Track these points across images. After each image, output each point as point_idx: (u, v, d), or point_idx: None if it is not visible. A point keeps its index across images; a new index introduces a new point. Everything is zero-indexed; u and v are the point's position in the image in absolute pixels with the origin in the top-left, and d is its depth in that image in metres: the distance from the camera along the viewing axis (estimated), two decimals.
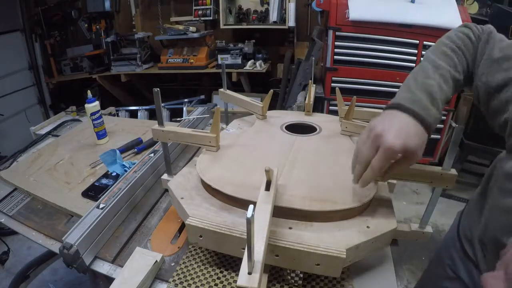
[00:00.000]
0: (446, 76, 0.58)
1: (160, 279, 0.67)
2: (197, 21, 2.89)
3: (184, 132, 0.81)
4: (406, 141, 0.50)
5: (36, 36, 3.24)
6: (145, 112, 2.83)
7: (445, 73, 0.58)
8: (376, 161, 0.52)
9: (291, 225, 0.61)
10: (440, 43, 0.63)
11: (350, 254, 0.56)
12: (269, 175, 0.59)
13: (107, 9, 3.07)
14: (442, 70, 0.58)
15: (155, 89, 0.74)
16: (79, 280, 1.82)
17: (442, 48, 0.61)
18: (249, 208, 0.39)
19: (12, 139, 2.92)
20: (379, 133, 0.51)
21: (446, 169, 0.66)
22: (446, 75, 0.58)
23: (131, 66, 2.98)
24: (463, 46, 0.61)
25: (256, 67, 2.77)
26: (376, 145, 0.52)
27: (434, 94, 0.55)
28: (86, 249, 0.70)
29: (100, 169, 1.06)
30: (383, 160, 0.51)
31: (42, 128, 1.47)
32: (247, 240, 0.41)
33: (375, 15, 1.86)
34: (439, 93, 0.55)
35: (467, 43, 0.61)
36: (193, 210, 0.64)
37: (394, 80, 1.99)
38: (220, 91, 1.11)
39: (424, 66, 0.60)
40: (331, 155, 0.80)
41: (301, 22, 2.84)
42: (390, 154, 0.50)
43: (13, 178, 1.04)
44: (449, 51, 0.60)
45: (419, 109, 0.53)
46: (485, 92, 0.57)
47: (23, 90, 3.17)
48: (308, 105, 1.06)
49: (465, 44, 0.61)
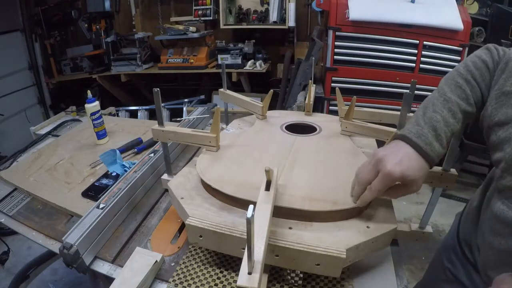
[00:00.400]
0: (455, 110, 0.57)
1: (160, 279, 0.67)
2: (197, 21, 2.89)
3: (184, 132, 0.81)
4: (406, 170, 0.52)
5: (36, 36, 3.24)
6: (145, 112, 2.83)
7: (454, 108, 0.57)
8: (375, 183, 0.55)
9: (291, 225, 0.61)
10: (456, 73, 0.61)
11: (350, 254, 0.56)
12: (269, 175, 0.59)
13: (107, 9, 3.07)
14: (451, 104, 0.58)
15: (155, 89, 0.74)
16: (79, 280, 1.82)
17: (456, 79, 0.60)
18: (249, 208, 0.39)
19: (12, 139, 2.92)
20: (381, 158, 0.54)
21: (446, 169, 0.67)
22: (455, 109, 0.57)
23: (131, 66, 2.98)
24: (478, 76, 0.59)
25: (256, 67, 2.77)
26: (376, 170, 0.55)
27: (439, 131, 0.55)
28: (86, 249, 0.70)
29: (100, 169, 1.06)
30: (381, 184, 0.54)
31: (42, 128, 1.47)
32: (247, 240, 0.42)
33: (375, 15, 1.86)
34: (444, 129, 0.56)
35: (483, 72, 0.59)
36: (193, 210, 0.64)
37: (394, 80, 1.99)
38: (220, 91, 1.11)
39: (435, 98, 0.59)
40: (331, 155, 0.80)
41: (301, 22, 2.84)
42: (389, 179, 0.53)
43: (13, 178, 1.04)
44: (462, 82, 0.59)
45: (423, 144, 0.54)
46: (487, 125, 0.56)
47: (23, 90, 3.17)
48: (308, 105, 1.06)
49: (482, 73, 0.59)
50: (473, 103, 0.59)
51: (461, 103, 0.58)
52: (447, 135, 0.56)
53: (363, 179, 0.57)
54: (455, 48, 1.91)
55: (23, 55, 3.18)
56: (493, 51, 0.61)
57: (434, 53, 1.92)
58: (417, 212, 2.24)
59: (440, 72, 1.94)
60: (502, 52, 0.60)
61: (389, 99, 2.02)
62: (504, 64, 0.56)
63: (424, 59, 1.93)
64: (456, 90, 0.59)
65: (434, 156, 0.55)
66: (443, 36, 1.88)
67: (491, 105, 0.55)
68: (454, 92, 0.59)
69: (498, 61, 0.59)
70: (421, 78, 1.91)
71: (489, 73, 0.59)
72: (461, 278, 0.71)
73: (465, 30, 1.85)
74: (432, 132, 0.55)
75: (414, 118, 0.59)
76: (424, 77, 1.93)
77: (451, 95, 0.58)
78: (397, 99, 1.99)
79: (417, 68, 1.95)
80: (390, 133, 0.78)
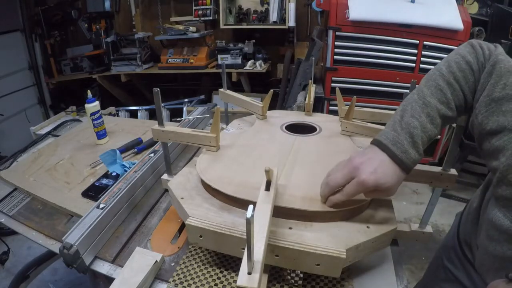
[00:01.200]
0: (433, 115, 0.56)
1: (160, 279, 0.67)
2: (197, 21, 2.89)
3: (184, 132, 0.81)
4: (380, 178, 0.53)
5: (36, 36, 3.24)
6: (145, 112, 2.83)
7: (433, 113, 0.55)
8: (349, 188, 0.56)
9: (291, 225, 0.61)
10: (438, 73, 0.58)
11: (350, 254, 0.56)
12: (269, 175, 0.59)
13: (107, 9, 3.08)
14: (430, 109, 0.56)
15: (155, 89, 0.74)
16: (79, 280, 1.82)
17: (437, 80, 0.57)
18: (249, 208, 0.39)
19: (12, 139, 2.92)
20: (357, 167, 0.55)
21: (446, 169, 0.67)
22: (433, 114, 0.56)
23: (131, 66, 2.98)
24: (462, 78, 0.56)
25: (256, 67, 2.77)
26: (351, 176, 0.55)
27: (415, 137, 0.54)
28: (86, 249, 0.70)
29: (100, 169, 1.06)
30: (355, 190, 0.55)
31: (42, 128, 1.47)
32: (247, 240, 0.41)
33: (375, 15, 1.86)
34: (421, 135, 0.55)
35: (467, 75, 0.56)
36: (193, 210, 0.64)
37: (394, 80, 1.99)
38: (220, 91, 1.11)
39: (414, 101, 0.57)
40: (331, 155, 0.80)
41: (301, 22, 2.84)
42: (363, 187, 0.54)
43: (13, 178, 1.04)
44: (444, 84, 0.57)
45: (399, 152, 0.54)
46: (478, 133, 0.54)
47: (23, 90, 3.17)
48: (308, 105, 1.06)
49: (465, 75, 0.56)
50: (454, 108, 0.57)
51: (441, 108, 0.56)
52: (424, 141, 0.55)
53: (335, 183, 0.57)
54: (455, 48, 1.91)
55: (23, 55, 3.18)
56: (478, 50, 0.57)
57: (434, 53, 1.92)
58: (417, 212, 2.24)
59: None
60: (488, 51, 0.56)
61: (389, 99, 2.02)
62: (491, 67, 0.53)
63: (424, 59, 1.93)
64: (437, 93, 0.57)
65: (409, 164, 0.54)
66: (443, 36, 1.88)
67: (481, 113, 0.52)
68: (434, 95, 0.56)
69: (484, 62, 0.56)
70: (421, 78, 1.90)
71: (473, 76, 0.56)
72: (461, 278, 0.71)
73: (465, 30, 1.85)
74: (408, 139, 0.54)
75: (392, 122, 0.58)
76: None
77: (431, 99, 0.56)
78: (397, 99, 1.99)
79: (417, 68, 1.95)
80: None
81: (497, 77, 0.52)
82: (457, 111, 0.58)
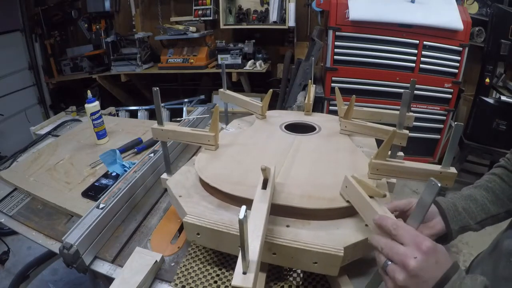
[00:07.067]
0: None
1: (160, 279, 0.67)
2: (197, 21, 2.89)
3: (183, 130, 0.81)
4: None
5: (36, 36, 3.25)
6: (145, 112, 2.83)
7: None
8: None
9: (289, 223, 0.61)
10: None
11: (348, 253, 0.56)
12: (265, 173, 0.59)
13: (107, 9, 3.07)
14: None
15: (155, 88, 0.74)
16: (79, 280, 1.83)
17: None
18: (241, 209, 0.39)
19: (12, 139, 2.92)
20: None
21: (446, 167, 0.66)
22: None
23: (131, 66, 2.98)
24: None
25: (256, 67, 2.77)
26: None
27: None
28: (86, 249, 0.70)
29: (100, 169, 1.07)
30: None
31: (42, 128, 1.47)
32: (241, 241, 0.41)
33: (375, 15, 1.86)
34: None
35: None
36: (191, 208, 0.64)
37: (394, 80, 1.99)
38: (220, 91, 1.11)
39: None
40: (330, 154, 0.80)
41: (301, 22, 2.84)
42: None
43: (13, 178, 1.04)
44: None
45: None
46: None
47: (23, 90, 3.18)
48: (308, 105, 1.07)
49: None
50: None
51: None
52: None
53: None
54: (455, 48, 1.90)
55: (23, 55, 3.18)
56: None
57: (434, 53, 1.92)
58: None
59: (440, 72, 1.94)
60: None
61: (389, 99, 2.02)
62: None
63: (424, 59, 1.93)
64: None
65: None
66: (443, 36, 1.88)
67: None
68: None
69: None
70: (421, 78, 1.91)
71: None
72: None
73: (465, 30, 1.85)
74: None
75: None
76: (424, 77, 1.93)
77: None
78: (397, 99, 1.99)
79: (417, 68, 1.95)
80: (388, 132, 0.77)
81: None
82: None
